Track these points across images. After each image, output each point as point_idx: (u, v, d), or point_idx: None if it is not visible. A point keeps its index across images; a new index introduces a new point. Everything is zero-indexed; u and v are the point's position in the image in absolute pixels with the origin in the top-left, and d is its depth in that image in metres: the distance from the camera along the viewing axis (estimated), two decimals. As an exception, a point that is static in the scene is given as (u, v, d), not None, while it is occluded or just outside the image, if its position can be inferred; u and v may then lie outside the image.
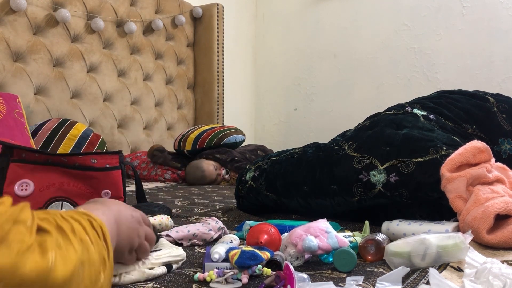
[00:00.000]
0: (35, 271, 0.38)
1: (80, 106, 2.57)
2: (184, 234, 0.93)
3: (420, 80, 3.33)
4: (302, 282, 0.63)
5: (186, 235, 0.93)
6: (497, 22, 3.03)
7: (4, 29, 2.22)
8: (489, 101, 1.34)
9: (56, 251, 0.41)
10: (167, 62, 3.21)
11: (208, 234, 0.94)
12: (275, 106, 4.03)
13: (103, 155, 1.03)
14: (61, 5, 2.47)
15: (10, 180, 0.96)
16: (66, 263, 0.41)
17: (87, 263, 0.44)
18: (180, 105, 3.33)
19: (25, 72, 2.30)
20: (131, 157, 2.67)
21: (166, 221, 1.04)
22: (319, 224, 0.80)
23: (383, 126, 1.20)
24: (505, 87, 2.98)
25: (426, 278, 0.69)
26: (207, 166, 2.34)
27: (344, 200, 1.11)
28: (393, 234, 0.95)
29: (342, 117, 3.60)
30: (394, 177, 1.03)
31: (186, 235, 0.93)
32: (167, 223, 1.04)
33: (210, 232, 0.95)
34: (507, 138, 1.27)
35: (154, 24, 3.02)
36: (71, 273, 0.41)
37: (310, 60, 3.82)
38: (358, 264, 0.78)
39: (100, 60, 2.70)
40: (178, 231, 0.94)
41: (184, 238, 0.93)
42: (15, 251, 0.38)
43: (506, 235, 0.85)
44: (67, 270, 0.41)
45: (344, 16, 3.63)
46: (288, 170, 1.22)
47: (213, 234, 0.95)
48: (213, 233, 0.95)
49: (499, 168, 1.03)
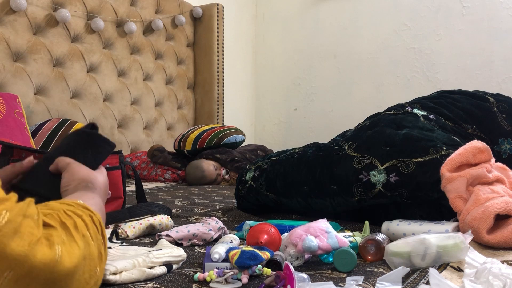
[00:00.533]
0: (44, 261, 0.41)
1: (80, 106, 2.57)
2: (184, 234, 0.93)
3: (420, 80, 3.33)
4: (302, 282, 0.63)
5: (186, 235, 0.93)
6: (497, 22, 3.03)
7: (4, 29, 2.22)
8: (489, 101, 1.34)
9: (61, 246, 0.44)
10: (167, 62, 3.21)
11: (208, 234, 0.94)
12: (275, 106, 4.03)
13: (103, 155, 1.03)
14: (61, 5, 2.47)
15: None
16: (71, 257, 0.44)
17: (88, 258, 0.48)
18: (180, 105, 3.33)
19: (25, 72, 2.30)
20: (131, 157, 2.67)
21: (166, 221, 1.04)
22: (319, 224, 0.80)
23: (383, 126, 1.20)
24: (505, 87, 2.98)
25: (426, 278, 0.69)
26: (207, 166, 2.34)
27: (344, 200, 1.11)
28: (393, 234, 0.95)
29: (342, 117, 3.60)
30: (394, 177, 1.03)
31: (186, 235, 0.93)
32: (167, 223, 1.04)
33: (210, 232, 0.95)
34: (507, 138, 1.27)
35: (154, 24, 3.02)
36: (75, 266, 0.45)
37: (310, 60, 3.82)
38: (358, 264, 0.78)
39: (100, 60, 2.70)
40: (178, 231, 0.93)
41: (184, 238, 0.93)
42: (27, 242, 0.41)
43: (506, 235, 0.85)
44: (72, 263, 0.44)
45: (344, 16, 3.63)
46: (288, 170, 1.22)
47: (213, 234, 0.95)
48: (213, 233, 0.95)
49: (499, 168, 1.03)
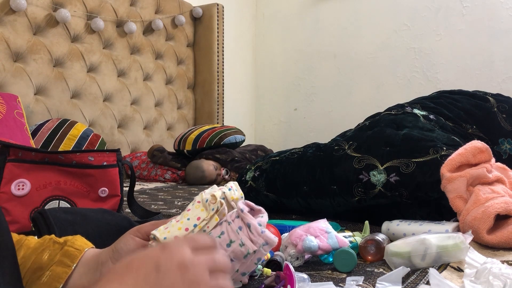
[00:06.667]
0: None
1: (80, 106, 2.57)
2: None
3: (420, 80, 3.32)
4: (302, 282, 0.62)
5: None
6: (497, 22, 3.03)
7: (4, 29, 2.22)
8: (489, 101, 1.34)
9: None
10: (167, 62, 3.20)
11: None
12: (275, 106, 4.03)
13: (100, 153, 1.03)
14: (61, 5, 2.47)
15: (6, 179, 0.96)
16: None
17: None
18: (180, 105, 3.33)
19: (25, 72, 2.30)
20: (131, 157, 2.67)
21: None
22: (319, 224, 0.80)
23: (383, 126, 1.20)
24: (505, 87, 2.97)
25: (426, 278, 0.69)
26: (207, 166, 2.34)
27: (344, 200, 1.10)
28: (393, 234, 0.95)
29: (342, 117, 3.60)
30: (394, 177, 1.02)
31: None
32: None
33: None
34: (507, 138, 1.27)
35: (154, 24, 3.02)
36: None
37: (310, 60, 3.82)
38: (358, 264, 0.78)
39: (100, 60, 2.70)
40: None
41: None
42: None
43: (506, 235, 0.85)
44: None
45: (344, 16, 3.63)
46: (288, 170, 1.22)
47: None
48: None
49: (499, 168, 1.03)
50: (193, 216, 0.60)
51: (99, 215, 0.79)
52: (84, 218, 0.76)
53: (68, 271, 0.54)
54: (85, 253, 0.57)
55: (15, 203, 0.95)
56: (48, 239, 0.58)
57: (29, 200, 0.97)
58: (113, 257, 0.55)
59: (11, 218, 0.94)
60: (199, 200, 0.62)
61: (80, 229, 0.70)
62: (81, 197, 1.01)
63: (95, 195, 1.03)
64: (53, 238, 0.58)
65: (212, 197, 0.61)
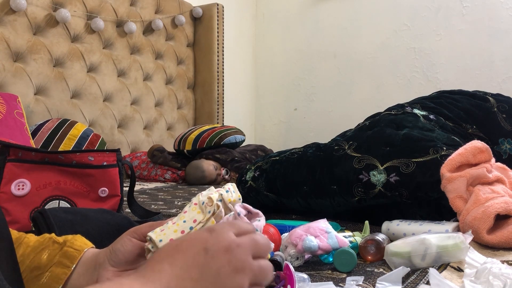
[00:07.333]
0: None
1: (80, 106, 2.57)
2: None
3: (420, 80, 3.32)
4: (302, 282, 0.62)
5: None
6: (497, 22, 3.03)
7: (4, 29, 2.22)
8: (489, 101, 1.34)
9: None
10: (167, 62, 3.20)
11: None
12: (275, 106, 4.03)
13: (100, 153, 1.03)
14: (61, 5, 2.47)
15: (6, 179, 0.96)
16: None
17: None
18: (180, 105, 3.33)
19: (25, 72, 2.30)
20: (131, 157, 2.67)
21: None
22: (319, 224, 0.80)
23: (383, 126, 1.20)
24: (505, 87, 2.97)
25: (426, 278, 0.69)
26: (207, 166, 2.34)
27: (344, 200, 1.10)
28: (393, 234, 0.95)
29: (342, 117, 3.60)
30: (394, 177, 1.02)
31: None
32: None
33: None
34: (507, 138, 1.27)
35: (154, 24, 3.02)
36: None
37: (310, 60, 3.82)
38: (358, 264, 0.78)
39: (100, 60, 2.70)
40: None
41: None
42: None
43: (506, 235, 0.85)
44: None
45: (344, 16, 3.63)
46: (288, 170, 1.22)
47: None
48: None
49: (499, 168, 1.03)
50: (189, 219, 0.60)
51: (99, 215, 0.79)
52: (84, 218, 0.76)
53: (68, 272, 0.54)
54: (85, 253, 0.57)
55: (15, 203, 0.95)
56: (48, 238, 0.58)
57: (29, 200, 0.97)
58: (110, 258, 0.55)
59: (11, 218, 0.94)
60: (195, 202, 0.62)
61: (80, 229, 0.70)
62: (81, 197, 1.01)
63: (95, 195, 1.03)
64: (52, 238, 0.58)
65: (209, 200, 0.61)
